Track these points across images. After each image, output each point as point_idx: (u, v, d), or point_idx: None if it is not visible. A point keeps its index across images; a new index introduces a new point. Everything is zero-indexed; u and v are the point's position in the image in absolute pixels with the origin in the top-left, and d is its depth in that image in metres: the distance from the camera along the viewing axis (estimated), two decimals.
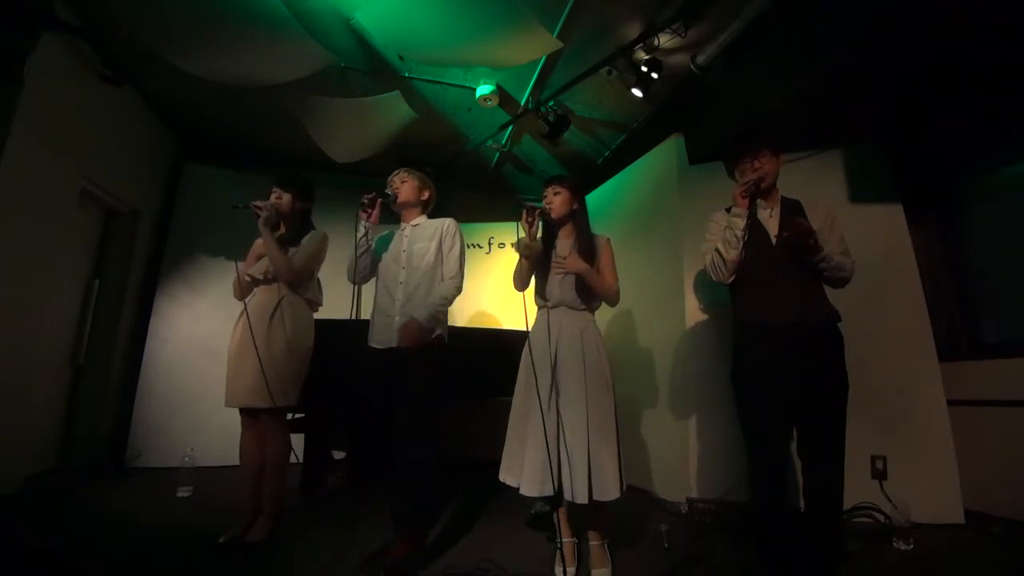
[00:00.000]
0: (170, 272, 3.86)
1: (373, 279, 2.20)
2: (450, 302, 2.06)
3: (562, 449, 1.77)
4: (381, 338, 2.03)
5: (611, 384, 1.90)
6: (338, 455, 3.74)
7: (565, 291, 1.94)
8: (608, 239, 2.01)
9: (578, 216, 2.01)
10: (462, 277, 2.09)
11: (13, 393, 2.57)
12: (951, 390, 2.52)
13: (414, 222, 2.19)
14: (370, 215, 2.11)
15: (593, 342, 1.91)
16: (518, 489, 1.81)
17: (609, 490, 1.75)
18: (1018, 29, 2.10)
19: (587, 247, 1.94)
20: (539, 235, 1.99)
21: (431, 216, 2.25)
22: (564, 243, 2.01)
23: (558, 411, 1.82)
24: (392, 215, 2.24)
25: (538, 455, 1.75)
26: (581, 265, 1.87)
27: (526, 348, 1.95)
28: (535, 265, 2.00)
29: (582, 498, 1.71)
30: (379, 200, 2.11)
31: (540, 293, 2.02)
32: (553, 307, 1.97)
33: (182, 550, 1.98)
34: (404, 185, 2.18)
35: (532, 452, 1.78)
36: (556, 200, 1.99)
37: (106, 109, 3.16)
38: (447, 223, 2.15)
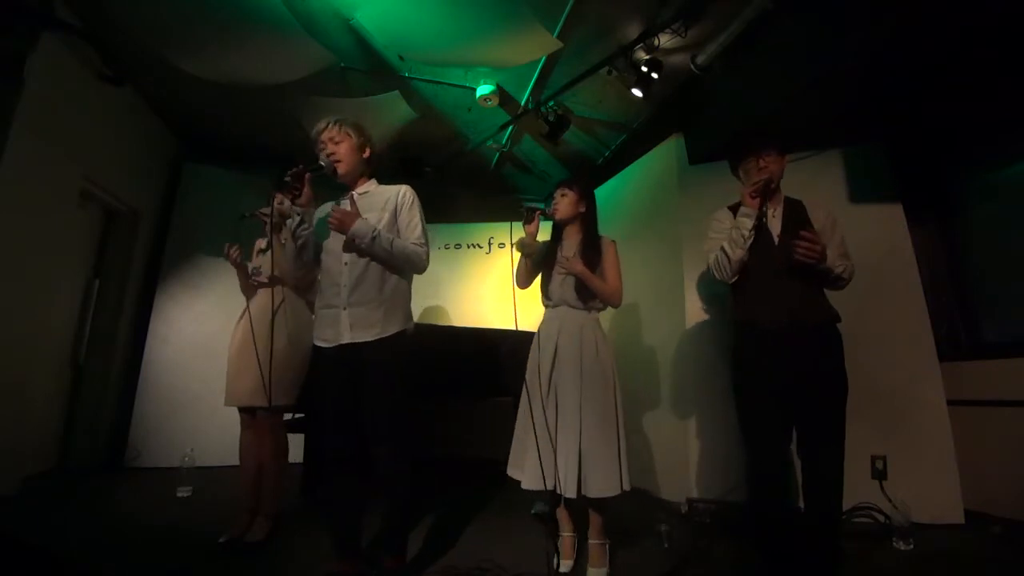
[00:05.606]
0: (170, 272, 3.85)
1: None
2: (411, 260, 1.73)
3: (559, 444, 1.80)
4: (327, 334, 1.70)
5: (613, 383, 1.90)
6: None
7: (566, 291, 1.96)
8: (613, 241, 2.03)
9: (586, 218, 2.03)
10: (428, 249, 1.79)
11: (13, 393, 2.57)
12: (951, 390, 2.52)
13: (361, 189, 1.82)
14: (297, 196, 1.69)
15: (592, 341, 1.92)
16: (521, 484, 1.85)
17: (601, 487, 1.75)
18: (1017, 28, 2.09)
19: (590, 249, 1.96)
20: (539, 235, 2.03)
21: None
22: (570, 244, 2.03)
23: (557, 408, 1.85)
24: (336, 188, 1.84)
25: (537, 450, 1.79)
26: (579, 267, 1.90)
27: (532, 346, 2.00)
28: (538, 264, 2.04)
29: (570, 492, 1.73)
30: (307, 175, 1.68)
31: (544, 292, 2.05)
32: (555, 306, 2.00)
33: (182, 550, 1.97)
34: (340, 147, 1.73)
35: (532, 447, 1.82)
36: (562, 202, 2.02)
37: (106, 109, 3.16)
38: (403, 190, 1.80)
